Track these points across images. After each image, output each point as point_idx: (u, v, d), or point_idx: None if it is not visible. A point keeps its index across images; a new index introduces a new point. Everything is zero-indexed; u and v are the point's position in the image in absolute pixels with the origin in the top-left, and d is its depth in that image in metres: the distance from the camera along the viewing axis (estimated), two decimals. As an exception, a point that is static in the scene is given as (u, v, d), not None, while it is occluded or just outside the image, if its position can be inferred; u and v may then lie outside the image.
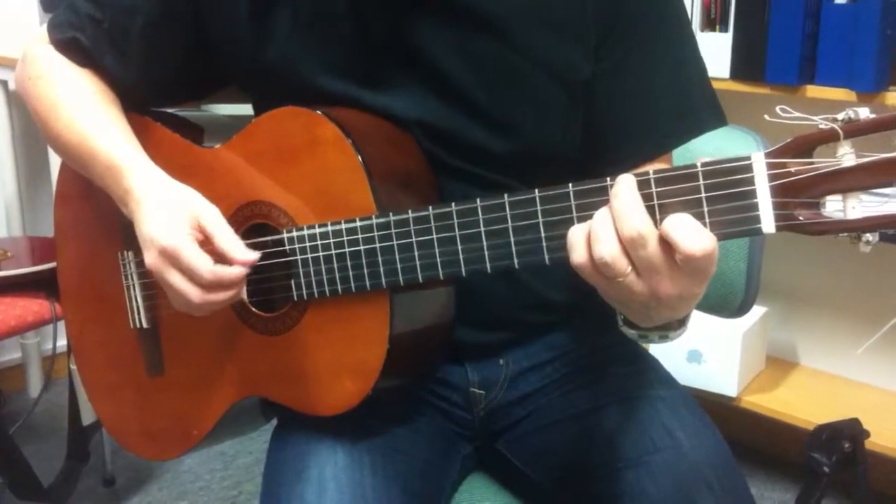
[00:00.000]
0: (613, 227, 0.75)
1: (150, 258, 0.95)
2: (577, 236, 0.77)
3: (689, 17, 2.03)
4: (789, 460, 2.27)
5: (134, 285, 1.12)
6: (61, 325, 1.30)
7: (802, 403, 2.14)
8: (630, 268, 0.75)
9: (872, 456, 1.80)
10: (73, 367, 1.28)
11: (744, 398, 2.17)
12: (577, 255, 0.77)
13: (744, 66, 2.01)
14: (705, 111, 1.01)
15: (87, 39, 1.08)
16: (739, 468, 1.00)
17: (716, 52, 2.03)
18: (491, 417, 1.12)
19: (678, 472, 0.97)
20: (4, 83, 2.49)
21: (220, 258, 0.93)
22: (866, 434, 1.72)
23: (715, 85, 1.03)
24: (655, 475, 0.97)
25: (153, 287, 1.09)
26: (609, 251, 0.74)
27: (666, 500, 0.96)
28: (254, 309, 1.02)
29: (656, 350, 1.18)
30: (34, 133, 1.09)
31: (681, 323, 0.86)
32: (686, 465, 0.97)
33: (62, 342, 1.88)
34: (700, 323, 0.85)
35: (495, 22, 0.97)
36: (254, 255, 0.93)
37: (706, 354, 2.15)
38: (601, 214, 0.76)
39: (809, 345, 2.33)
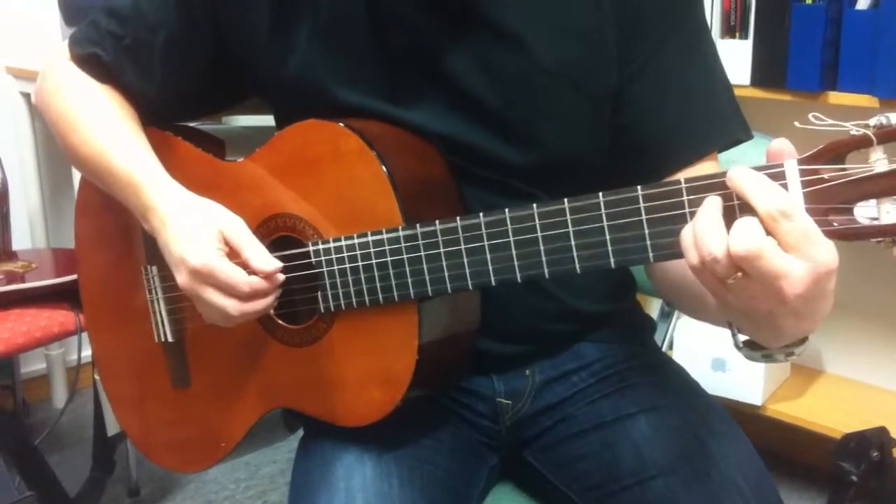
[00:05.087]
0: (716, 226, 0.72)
1: (183, 278, 0.96)
2: (686, 238, 0.74)
3: (709, 23, 2.04)
4: (816, 469, 2.25)
5: (158, 299, 1.12)
6: (86, 336, 1.31)
7: (828, 411, 2.12)
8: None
9: (900, 464, 1.78)
10: (98, 377, 1.28)
11: (769, 406, 2.15)
12: (691, 256, 0.73)
13: (764, 72, 2.00)
14: (734, 121, 1.01)
15: (107, 55, 1.09)
16: (770, 475, 1.00)
17: (736, 59, 2.02)
18: (517, 427, 1.11)
19: (709, 480, 0.96)
20: (27, 96, 2.52)
21: (250, 269, 0.94)
22: (894, 442, 1.71)
23: (735, 92, 1.03)
24: (686, 483, 0.97)
25: (178, 301, 1.10)
26: (717, 247, 0.71)
27: None
28: (280, 321, 1.02)
29: (681, 359, 1.18)
30: (57, 146, 1.10)
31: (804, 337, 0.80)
32: (717, 472, 0.96)
33: (87, 353, 1.90)
34: (724, 331, 0.83)
35: (515, 37, 0.97)
36: (276, 264, 0.94)
37: (730, 363, 2.13)
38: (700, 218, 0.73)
39: (835, 352, 2.31)
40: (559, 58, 0.98)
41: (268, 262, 0.94)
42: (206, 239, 0.95)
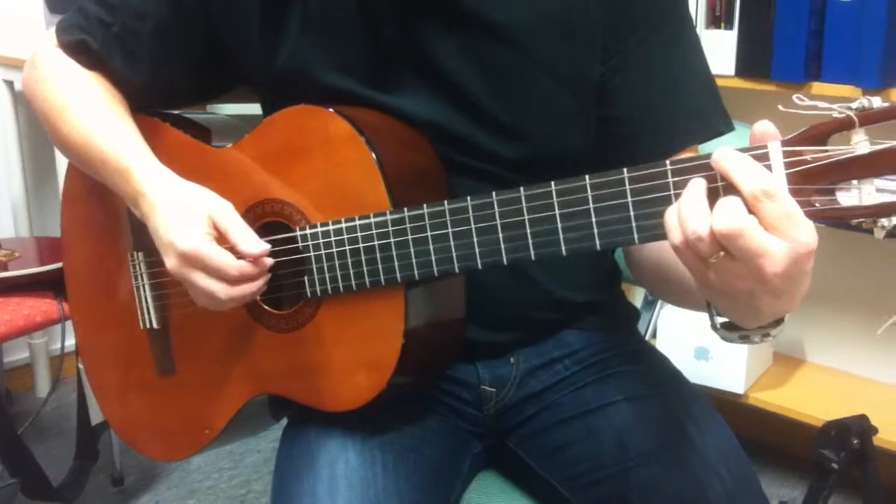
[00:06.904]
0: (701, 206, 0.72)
1: (172, 263, 0.95)
2: (670, 218, 0.74)
3: (694, 14, 2.05)
4: (797, 457, 2.26)
5: (144, 285, 1.12)
6: (69, 325, 1.30)
7: (810, 400, 2.14)
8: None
9: (881, 452, 1.80)
10: (82, 366, 1.28)
11: (751, 395, 2.17)
12: (674, 236, 0.74)
13: (749, 63, 2.01)
14: (715, 114, 1.02)
15: (95, 42, 1.09)
16: (750, 461, 1.01)
17: (721, 49, 2.03)
18: (502, 415, 1.12)
19: (690, 466, 0.97)
20: (10, 83, 2.50)
21: (237, 252, 0.94)
22: (875, 430, 1.73)
23: (720, 83, 1.04)
24: (668, 470, 0.98)
25: (163, 287, 1.10)
26: (701, 226, 0.71)
27: (678, 495, 0.96)
28: (266, 306, 1.03)
29: (664, 347, 1.19)
30: (41, 133, 1.10)
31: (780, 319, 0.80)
32: (698, 459, 0.97)
33: (70, 342, 1.89)
34: (707, 320, 0.84)
35: (503, 30, 0.98)
36: (264, 247, 0.93)
37: (713, 351, 2.15)
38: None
39: (816, 341, 2.32)
40: (547, 52, 0.98)
41: (255, 244, 0.93)
42: (195, 223, 0.94)
